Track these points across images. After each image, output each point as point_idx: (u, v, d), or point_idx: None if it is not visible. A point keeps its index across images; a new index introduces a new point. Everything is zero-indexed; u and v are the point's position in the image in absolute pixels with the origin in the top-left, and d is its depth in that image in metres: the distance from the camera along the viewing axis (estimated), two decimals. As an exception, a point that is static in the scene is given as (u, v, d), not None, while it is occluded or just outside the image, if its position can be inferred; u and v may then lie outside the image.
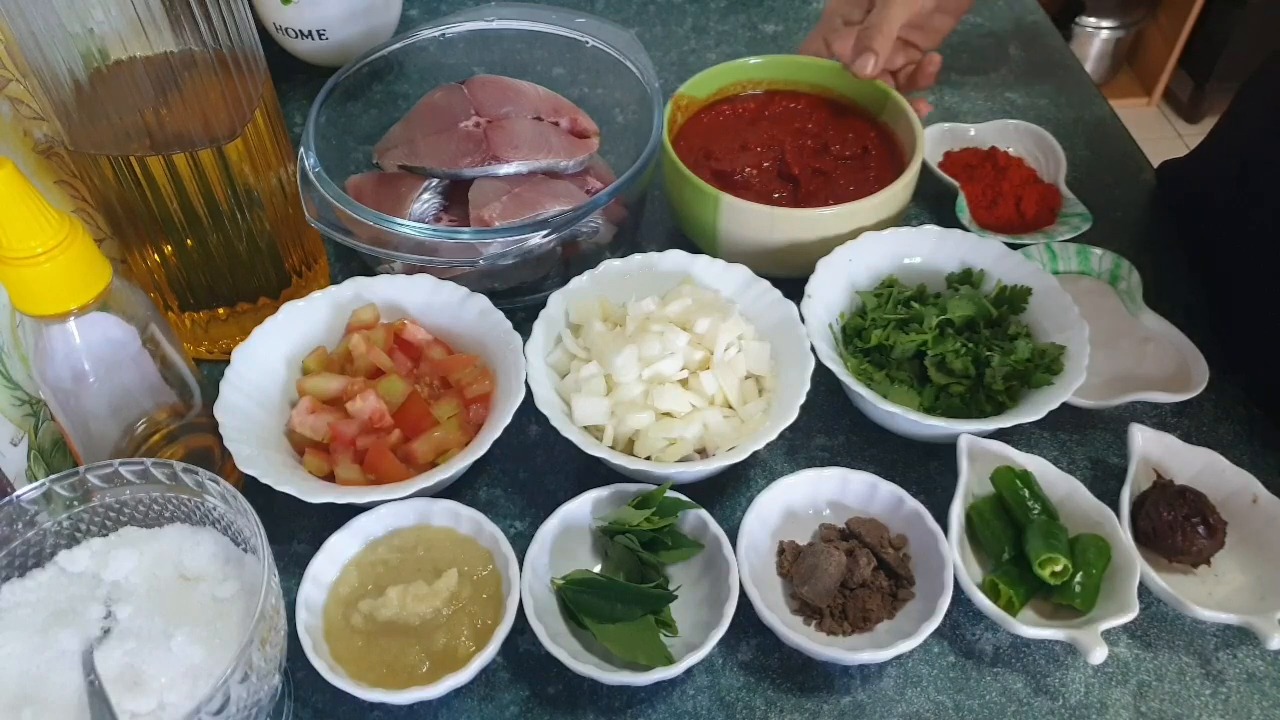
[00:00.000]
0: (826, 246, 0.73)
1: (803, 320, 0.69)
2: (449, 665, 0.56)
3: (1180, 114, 2.50)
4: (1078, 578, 0.59)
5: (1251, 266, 0.74)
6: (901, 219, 0.79)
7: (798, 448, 0.72)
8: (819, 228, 0.74)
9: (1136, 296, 0.77)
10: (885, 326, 0.71)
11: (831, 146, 0.82)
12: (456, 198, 0.78)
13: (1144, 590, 0.59)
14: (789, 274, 0.73)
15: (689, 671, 0.59)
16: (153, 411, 0.63)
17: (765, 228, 0.74)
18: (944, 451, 0.68)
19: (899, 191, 0.75)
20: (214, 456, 0.66)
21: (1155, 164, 0.92)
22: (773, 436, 0.63)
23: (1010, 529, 0.63)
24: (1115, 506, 0.63)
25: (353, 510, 0.61)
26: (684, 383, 0.67)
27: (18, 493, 0.53)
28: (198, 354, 0.76)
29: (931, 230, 0.75)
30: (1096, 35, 2.44)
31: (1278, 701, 0.60)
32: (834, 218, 0.73)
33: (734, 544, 0.60)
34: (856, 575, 0.61)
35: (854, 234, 0.74)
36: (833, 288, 0.73)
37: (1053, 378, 0.67)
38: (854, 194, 0.77)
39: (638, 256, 0.73)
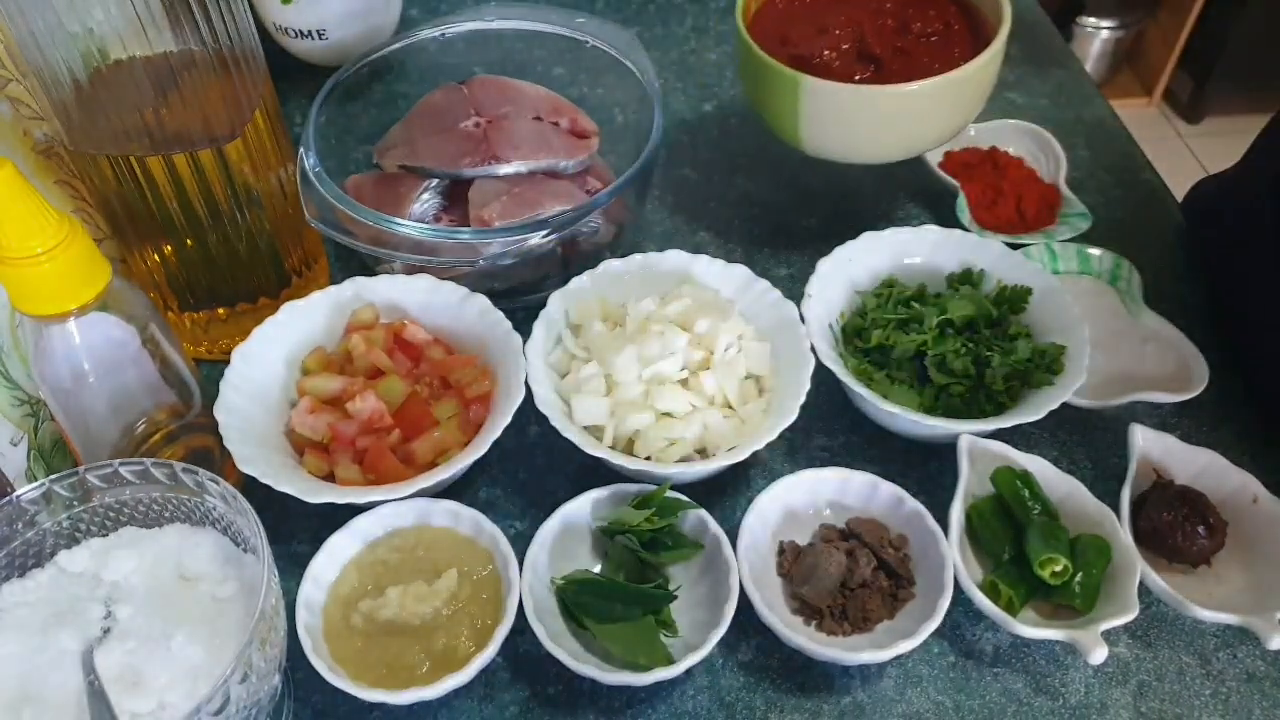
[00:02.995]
0: (914, 128, 0.73)
1: (803, 320, 0.68)
2: (449, 665, 0.56)
3: (1180, 114, 2.50)
4: (1078, 578, 0.59)
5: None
6: (985, 100, 0.77)
7: (798, 448, 0.71)
8: (905, 105, 0.72)
9: (1136, 296, 0.77)
10: (885, 326, 0.71)
11: (912, 25, 0.79)
12: (456, 198, 0.78)
13: (1144, 590, 0.59)
14: (876, 160, 0.77)
15: (689, 672, 0.59)
16: (152, 411, 0.63)
17: (849, 109, 0.72)
18: (944, 452, 0.68)
19: (986, 64, 0.72)
20: (214, 456, 0.66)
21: (1155, 163, 0.92)
22: (773, 436, 0.63)
23: (1010, 529, 0.63)
24: (1115, 507, 0.63)
25: (352, 510, 0.61)
26: (684, 383, 0.67)
27: (17, 493, 0.53)
28: (197, 354, 0.76)
29: (931, 230, 0.75)
30: (1096, 35, 2.44)
31: (1278, 701, 0.60)
32: (917, 95, 0.71)
33: (734, 544, 0.60)
34: (856, 575, 0.61)
35: (943, 111, 0.74)
36: (833, 288, 0.73)
37: (1053, 378, 0.67)
38: (939, 72, 0.73)
39: (638, 256, 0.73)
